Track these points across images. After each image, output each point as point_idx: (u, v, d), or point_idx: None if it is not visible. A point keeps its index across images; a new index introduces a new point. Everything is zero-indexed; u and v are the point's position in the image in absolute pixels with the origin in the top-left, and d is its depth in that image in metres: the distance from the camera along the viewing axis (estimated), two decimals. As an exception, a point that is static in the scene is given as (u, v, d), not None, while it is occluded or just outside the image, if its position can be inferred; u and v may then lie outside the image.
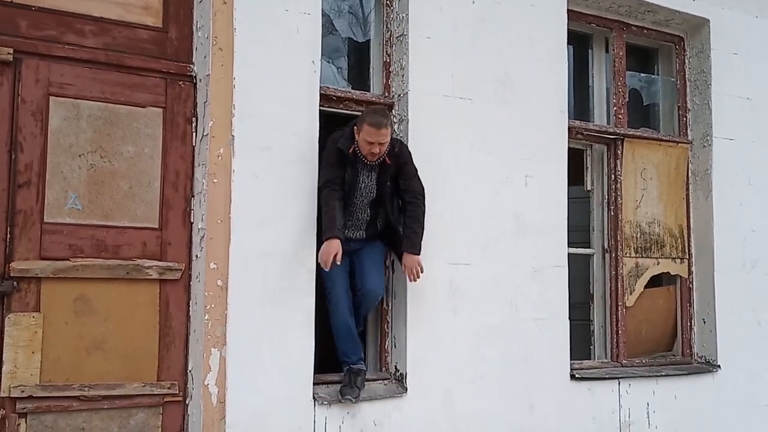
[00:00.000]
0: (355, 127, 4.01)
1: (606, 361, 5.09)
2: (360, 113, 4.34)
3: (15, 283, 3.42)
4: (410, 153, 4.18)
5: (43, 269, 3.46)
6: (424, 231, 4.11)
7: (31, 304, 3.45)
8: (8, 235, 3.43)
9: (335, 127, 4.22)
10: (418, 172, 4.18)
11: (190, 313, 3.79)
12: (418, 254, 4.05)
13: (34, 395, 3.42)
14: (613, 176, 5.22)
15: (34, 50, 3.55)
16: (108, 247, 3.62)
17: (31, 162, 3.50)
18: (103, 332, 3.59)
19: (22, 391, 3.40)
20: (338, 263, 3.83)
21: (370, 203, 4.13)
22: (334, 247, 3.81)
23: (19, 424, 3.40)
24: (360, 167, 4.06)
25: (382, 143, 3.96)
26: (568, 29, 4.95)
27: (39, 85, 3.54)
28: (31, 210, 3.48)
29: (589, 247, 5.26)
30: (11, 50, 3.48)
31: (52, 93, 3.56)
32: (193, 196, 3.84)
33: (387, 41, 4.49)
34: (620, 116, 5.30)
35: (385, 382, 4.24)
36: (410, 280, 4.09)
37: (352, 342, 4.07)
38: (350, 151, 4.00)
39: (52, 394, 3.46)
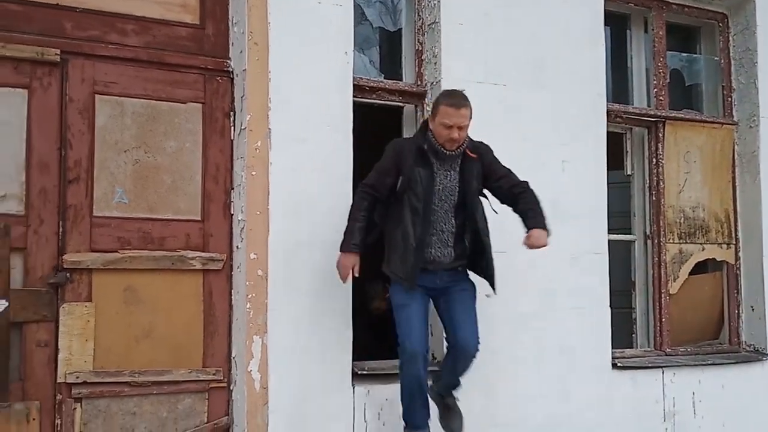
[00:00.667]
0: (429, 117, 4.12)
1: (649, 349, 5.58)
2: (393, 102, 4.91)
3: (68, 274, 4.02)
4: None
5: (93, 261, 4.08)
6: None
7: (84, 295, 4.06)
8: (60, 229, 4.03)
9: (368, 116, 4.76)
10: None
11: (233, 302, 4.38)
12: (546, 230, 4.14)
13: (88, 381, 4.03)
14: (654, 160, 5.68)
15: (80, 50, 4.13)
16: (154, 239, 4.22)
17: (80, 158, 4.10)
18: (151, 321, 4.20)
19: (77, 377, 4.01)
20: (356, 275, 4.07)
21: (454, 209, 4.13)
22: (351, 260, 4.04)
23: (74, 408, 4.02)
24: (437, 165, 4.07)
25: (462, 126, 4.00)
26: (604, 9, 5.39)
27: (85, 84, 4.13)
28: (81, 204, 4.09)
29: (630, 233, 5.73)
30: (58, 51, 4.06)
31: (97, 91, 4.15)
32: (232, 188, 4.42)
33: (419, 29, 5.01)
34: (661, 98, 5.76)
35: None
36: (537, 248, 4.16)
37: (419, 403, 4.12)
38: (424, 147, 4.04)
39: (105, 380, 4.07)
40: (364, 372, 4.59)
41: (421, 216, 4.02)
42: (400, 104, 4.98)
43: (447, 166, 4.10)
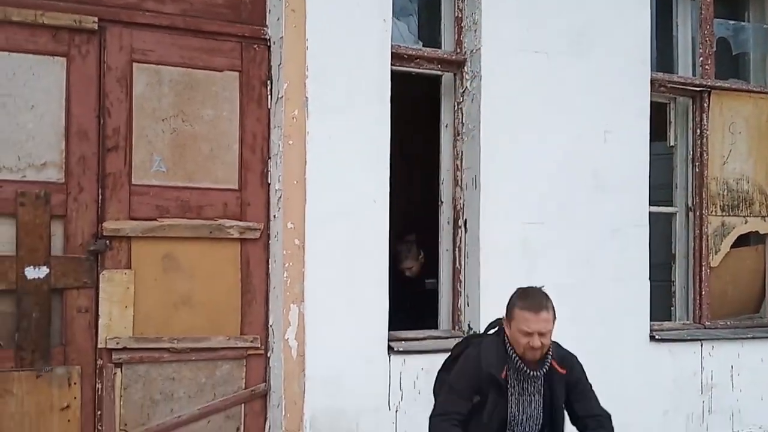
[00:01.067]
0: (504, 321, 3.51)
1: (688, 322, 5.51)
2: (431, 71, 4.85)
3: (108, 241, 4.05)
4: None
5: (133, 229, 4.10)
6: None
7: (123, 262, 4.09)
8: (100, 197, 4.06)
9: (406, 85, 4.71)
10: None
11: (270, 270, 4.38)
12: None
13: (128, 347, 4.07)
14: (698, 131, 5.56)
15: (117, 18, 4.12)
16: (192, 207, 4.22)
17: (119, 126, 4.10)
18: (190, 288, 4.22)
19: (117, 343, 4.06)
20: None
21: None
22: None
23: (115, 374, 4.07)
24: (516, 390, 3.45)
25: (544, 333, 3.36)
26: (650, -24, 5.27)
27: (123, 52, 4.12)
28: (119, 173, 4.10)
29: (671, 206, 5.64)
30: (96, 19, 4.05)
31: (135, 59, 4.14)
32: (269, 157, 4.40)
33: (458, -5, 4.93)
34: (707, 67, 5.61)
35: (458, 340, 4.78)
36: None
37: None
38: (503, 374, 3.41)
39: (144, 346, 4.11)
40: (401, 341, 4.58)
41: None
42: (439, 72, 4.91)
43: (530, 389, 3.46)
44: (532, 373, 3.40)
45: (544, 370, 3.44)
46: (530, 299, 3.42)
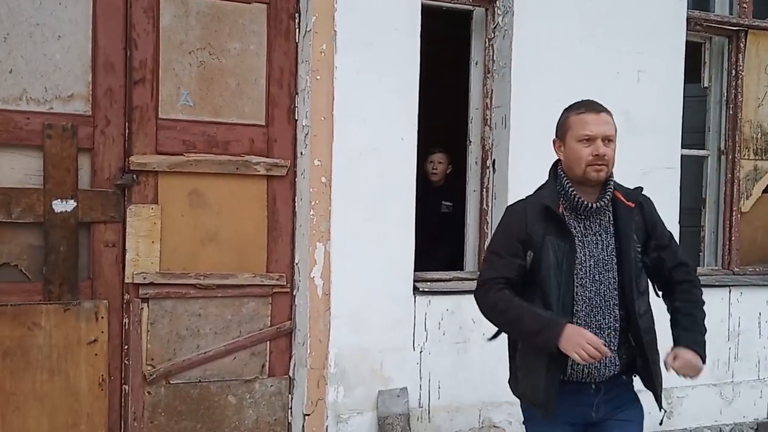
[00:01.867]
0: (557, 150, 2.92)
1: (716, 268, 5.43)
2: (462, 6, 4.71)
3: (135, 176, 4.01)
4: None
5: (159, 163, 4.05)
6: None
7: (150, 197, 4.05)
8: (127, 130, 4.00)
9: (435, 21, 4.57)
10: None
11: (296, 208, 4.33)
12: (703, 360, 2.88)
13: (154, 282, 4.06)
14: (733, 72, 5.40)
15: (143, -54, 4.01)
16: (218, 143, 4.16)
17: (145, 59, 4.02)
18: (216, 224, 4.18)
19: (144, 278, 4.04)
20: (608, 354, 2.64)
21: (616, 291, 2.78)
22: (584, 333, 2.60)
23: (142, 308, 4.07)
24: (579, 229, 2.79)
25: (609, 137, 2.80)
26: None
27: (150, -19, 4.03)
28: (146, 106, 4.03)
29: (703, 149, 5.53)
30: (123, -52, 3.97)
31: (162, -11, 4.05)
32: (297, 93, 4.32)
33: (492, -73, 4.77)
34: (744, 5, 5.42)
35: (485, 281, 4.73)
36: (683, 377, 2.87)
37: None
38: (554, 205, 2.78)
39: (171, 281, 4.09)
40: (426, 282, 4.53)
41: (560, 311, 2.70)
42: (470, 7, 4.77)
43: (595, 227, 2.80)
44: (592, 205, 2.77)
45: (606, 200, 2.81)
46: (586, 104, 2.87)
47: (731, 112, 5.42)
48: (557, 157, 2.96)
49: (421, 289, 4.47)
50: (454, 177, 5.79)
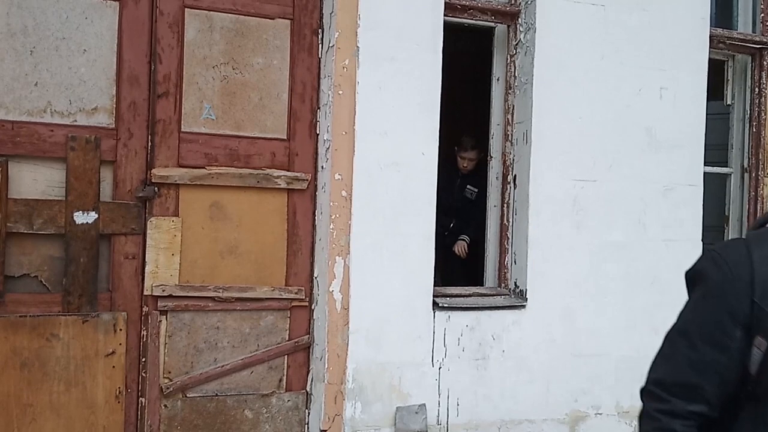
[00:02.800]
0: None
1: (739, 286, 5.29)
2: (485, 22, 4.65)
3: (156, 188, 3.97)
4: None
5: (181, 176, 4.01)
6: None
7: (171, 209, 4.01)
8: (149, 143, 3.97)
9: (460, 37, 4.51)
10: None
11: (316, 222, 4.28)
12: None
13: (173, 294, 4.02)
14: (757, 89, 5.31)
15: (170, -37, 4.00)
16: (240, 156, 4.12)
17: (169, 73, 4.00)
18: (236, 237, 4.14)
19: (163, 290, 4.00)
20: None
21: None
22: None
23: (160, 321, 4.02)
24: None
25: None
26: (713, -73, 5.01)
27: (175, -3, 4.01)
28: (169, 119, 4.00)
29: (726, 166, 5.42)
30: (148, -37, 3.95)
31: (187, 5, 4.02)
32: (318, 107, 4.27)
33: (515, -55, 4.71)
34: (767, 24, 5.36)
35: (505, 297, 4.64)
36: None
37: None
38: None
39: (190, 294, 4.05)
40: (446, 297, 4.45)
41: None
42: (492, 24, 4.72)
43: None
44: None
45: None
46: None
47: (754, 130, 5.32)
48: None
49: (440, 305, 4.39)
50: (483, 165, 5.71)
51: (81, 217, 3.83)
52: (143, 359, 3.99)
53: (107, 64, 3.91)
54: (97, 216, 3.85)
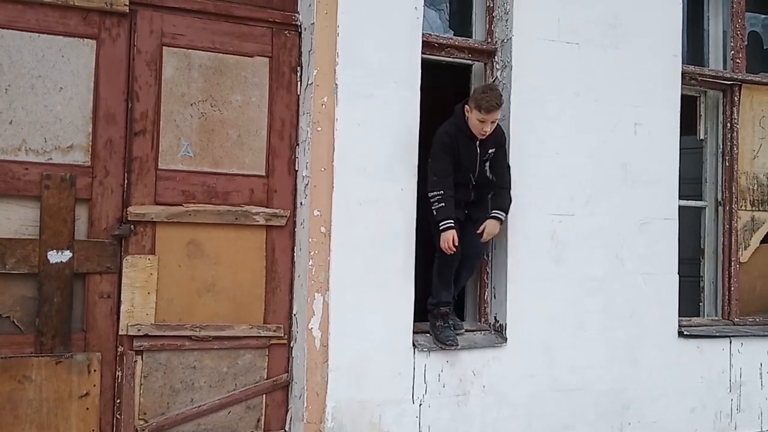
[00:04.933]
0: None
1: (716, 318, 5.17)
2: (462, 60, 4.54)
3: (132, 226, 3.79)
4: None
5: (158, 214, 3.82)
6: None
7: (147, 247, 3.82)
8: (126, 181, 3.79)
9: (437, 75, 4.38)
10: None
11: (295, 258, 4.10)
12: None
13: (149, 334, 3.81)
14: (728, 125, 5.23)
15: (148, 1, 3.86)
16: (218, 193, 3.95)
17: (147, 110, 3.84)
18: (214, 275, 3.95)
19: (139, 330, 3.79)
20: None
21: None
22: None
23: (135, 361, 3.81)
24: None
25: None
26: (682, -32, 4.93)
27: (153, 35, 3.86)
28: (146, 157, 3.83)
29: (700, 200, 5.30)
30: (127, 1, 3.81)
31: (165, 43, 3.88)
32: (297, 144, 4.11)
33: (490, -15, 4.60)
34: (738, 60, 5.28)
35: (485, 332, 4.45)
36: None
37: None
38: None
39: (166, 333, 3.85)
40: (426, 333, 4.26)
41: None
42: (470, 62, 4.61)
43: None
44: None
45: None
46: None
47: (727, 164, 5.22)
48: None
49: (420, 341, 4.20)
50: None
51: (55, 256, 3.63)
52: (118, 400, 3.77)
53: (83, 101, 3.75)
54: (71, 255, 3.66)
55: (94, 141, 3.75)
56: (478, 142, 4.16)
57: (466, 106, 4.09)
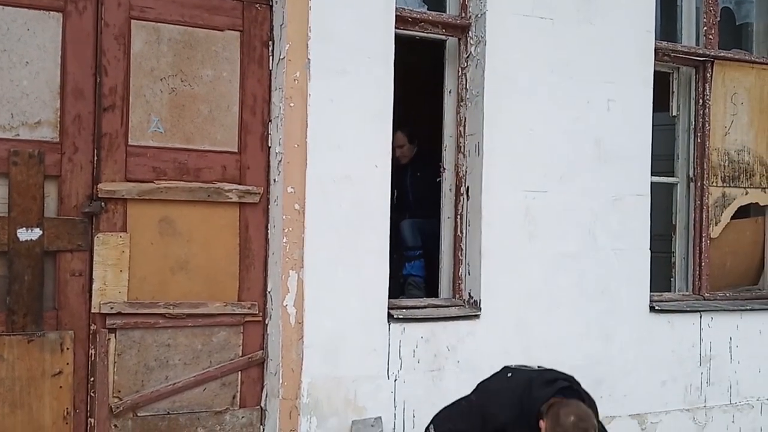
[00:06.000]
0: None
1: (687, 293, 5.25)
2: (436, 35, 4.53)
3: (103, 203, 3.76)
4: None
5: (129, 191, 3.80)
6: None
7: (119, 225, 3.80)
8: (95, 157, 3.76)
9: (410, 50, 4.39)
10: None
11: (269, 236, 4.10)
12: None
13: (122, 312, 3.80)
14: (701, 101, 5.28)
15: (116, -27, 3.80)
16: (190, 170, 3.93)
17: (115, 86, 3.79)
18: (186, 253, 3.94)
19: (111, 308, 3.78)
20: None
21: None
22: None
23: (108, 339, 3.79)
24: None
25: None
26: (656, -57, 4.96)
27: (121, 8, 3.81)
28: (116, 133, 3.80)
29: (672, 176, 5.37)
30: (94, -26, 3.75)
31: (133, 17, 3.83)
32: (270, 120, 4.10)
33: (464, -41, 4.60)
34: (710, 37, 5.33)
35: (459, 308, 4.50)
36: None
37: None
38: None
39: (139, 311, 3.84)
40: (400, 309, 4.30)
41: None
42: (443, 37, 4.60)
43: None
44: None
45: None
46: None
47: (699, 140, 5.29)
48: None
49: (395, 317, 4.24)
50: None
51: (25, 234, 3.60)
52: (92, 379, 3.76)
53: (51, 76, 3.70)
54: (41, 232, 3.63)
55: (62, 117, 3.70)
56: None
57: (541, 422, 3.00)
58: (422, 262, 5.54)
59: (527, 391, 3.03)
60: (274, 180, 4.08)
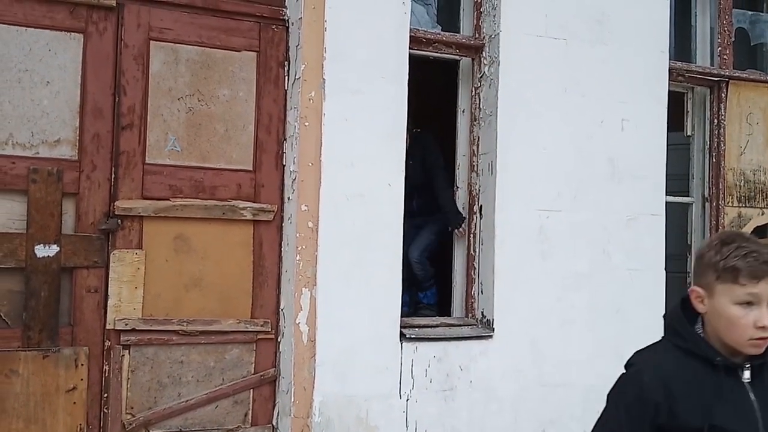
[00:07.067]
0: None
1: (702, 314, 5.23)
2: (449, 55, 4.60)
3: (119, 221, 3.85)
4: None
5: (145, 208, 3.88)
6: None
7: (134, 242, 3.88)
8: (113, 175, 3.85)
9: (424, 70, 4.45)
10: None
11: (282, 253, 4.17)
12: None
13: (136, 328, 3.87)
14: (715, 121, 5.32)
15: (135, -5, 3.91)
16: (205, 188, 4.01)
17: (134, 105, 3.89)
18: (201, 270, 4.01)
19: (126, 324, 3.85)
20: None
21: None
22: None
23: (123, 355, 3.87)
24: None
25: None
26: (671, -36, 5.02)
27: (140, 29, 3.91)
28: (133, 151, 3.89)
29: (687, 196, 5.39)
30: (114, -5, 3.85)
31: (152, 38, 3.94)
32: (285, 139, 4.18)
33: (478, -20, 4.68)
34: (725, 57, 5.37)
35: (472, 328, 4.53)
36: None
37: None
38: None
39: (153, 327, 3.91)
40: (413, 328, 4.34)
41: None
42: (457, 57, 4.68)
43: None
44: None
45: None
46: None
47: (714, 160, 5.31)
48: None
49: (407, 336, 4.28)
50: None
51: (42, 251, 3.69)
52: (105, 395, 3.83)
53: (71, 96, 3.80)
54: (58, 249, 3.71)
55: (81, 135, 3.80)
56: (748, 374, 2.00)
57: (693, 289, 2.02)
58: (435, 289, 5.56)
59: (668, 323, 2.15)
60: (288, 198, 4.15)
